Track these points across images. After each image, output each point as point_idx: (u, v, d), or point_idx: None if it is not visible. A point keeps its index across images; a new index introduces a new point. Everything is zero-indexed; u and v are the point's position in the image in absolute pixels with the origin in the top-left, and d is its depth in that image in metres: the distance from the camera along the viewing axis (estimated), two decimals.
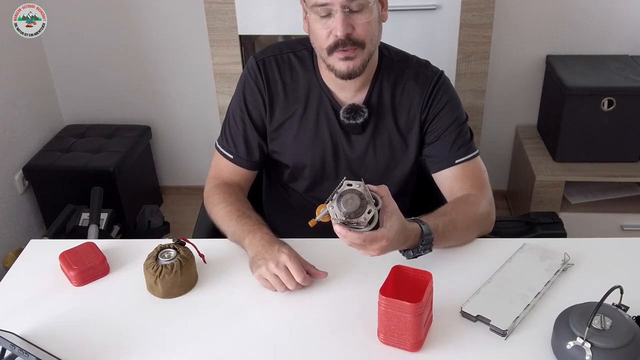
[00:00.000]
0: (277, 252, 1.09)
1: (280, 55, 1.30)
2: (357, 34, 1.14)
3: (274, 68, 1.29)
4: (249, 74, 1.30)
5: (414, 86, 1.28)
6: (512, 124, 2.69)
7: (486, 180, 1.29)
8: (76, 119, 2.82)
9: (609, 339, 0.86)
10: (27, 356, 0.91)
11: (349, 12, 1.12)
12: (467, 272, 1.11)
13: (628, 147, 2.32)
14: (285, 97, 1.29)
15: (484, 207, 1.22)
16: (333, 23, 1.13)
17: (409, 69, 1.29)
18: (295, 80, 1.29)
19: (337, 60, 1.17)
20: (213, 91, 2.44)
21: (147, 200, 2.66)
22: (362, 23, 1.14)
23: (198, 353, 0.97)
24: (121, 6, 2.55)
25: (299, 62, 1.29)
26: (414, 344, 0.95)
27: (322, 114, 1.28)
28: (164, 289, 1.07)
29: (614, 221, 2.36)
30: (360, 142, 1.30)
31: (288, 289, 1.07)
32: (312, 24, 1.17)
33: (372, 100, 1.27)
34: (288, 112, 1.29)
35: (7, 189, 2.41)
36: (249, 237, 1.16)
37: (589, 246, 1.19)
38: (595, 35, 2.46)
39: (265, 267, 1.08)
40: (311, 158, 1.32)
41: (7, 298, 1.11)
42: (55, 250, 1.18)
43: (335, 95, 1.28)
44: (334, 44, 1.15)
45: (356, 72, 1.18)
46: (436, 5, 2.09)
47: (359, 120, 1.26)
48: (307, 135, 1.30)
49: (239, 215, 1.22)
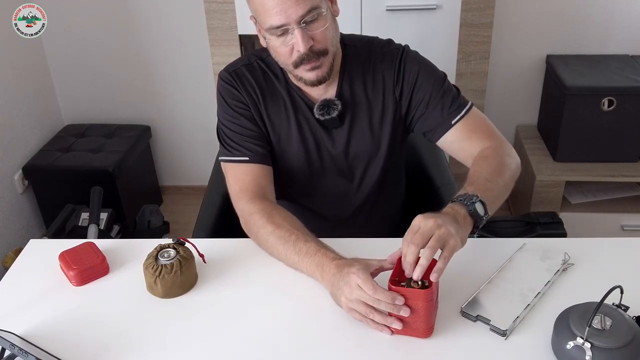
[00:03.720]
0: (347, 274, 0.99)
1: (249, 64, 1.29)
2: (318, 43, 1.14)
3: (248, 76, 1.28)
4: (226, 84, 1.28)
5: (383, 66, 1.27)
6: (512, 124, 2.69)
7: (491, 126, 1.27)
8: (76, 119, 2.82)
9: (609, 339, 0.86)
10: (26, 356, 0.91)
11: (305, 25, 1.12)
12: (467, 272, 1.11)
13: (628, 147, 2.32)
14: (265, 102, 1.28)
15: (505, 155, 1.19)
16: (292, 39, 1.13)
17: (373, 52, 1.28)
18: (269, 85, 1.28)
19: (305, 72, 1.17)
20: (213, 91, 2.43)
21: (147, 200, 2.66)
22: (320, 32, 1.13)
23: (198, 353, 0.97)
24: (121, 6, 2.55)
25: (268, 68, 1.29)
26: (426, 330, 0.96)
27: (300, 115, 1.28)
28: (164, 288, 1.07)
29: (614, 221, 2.36)
30: (341, 135, 1.30)
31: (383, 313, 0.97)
32: (272, 43, 1.16)
33: (344, 91, 1.27)
34: (270, 115, 1.28)
35: (7, 189, 2.41)
36: (318, 270, 1.07)
37: (589, 246, 1.19)
38: (596, 35, 2.46)
39: (345, 297, 0.99)
40: (297, 157, 1.31)
41: (7, 298, 1.11)
42: (54, 250, 1.18)
43: (307, 94, 1.28)
44: (299, 59, 1.15)
45: (325, 77, 1.19)
46: (436, 5, 2.09)
47: (334, 114, 1.26)
48: (292, 134, 1.29)
49: (294, 241, 1.12)
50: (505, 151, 1.21)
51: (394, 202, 1.47)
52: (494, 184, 1.12)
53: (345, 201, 1.37)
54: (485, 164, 1.16)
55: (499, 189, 1.13)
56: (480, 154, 1.20)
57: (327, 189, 1.36)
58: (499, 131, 1.27)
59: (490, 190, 1.10)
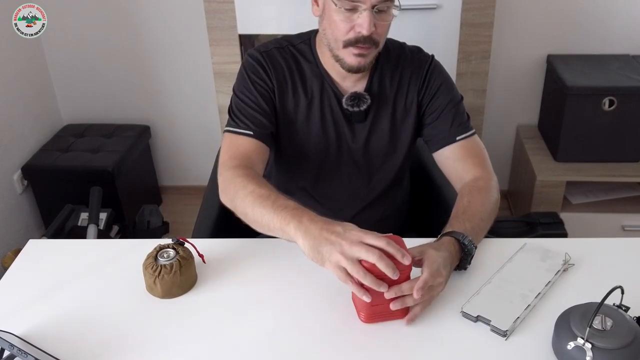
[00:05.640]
0: (343, 230, 0.94)
1: (281, 47, 1.31)
2: (377, 33, 1.17)
3: (279, 58, 1.29)
4: (255, 62, 1.28)
5: (410, 71, 1.31)
6: (513, 124, 2.68)
7: (487, 157, 1.31)
8: (75, 119, 2.82)
9: (609, 340, 0.86)
10: (25, 356, 0.91)
11: (376, 11, 1.14)
12: (467, 272, 1.11)
13: (629, 147, 2.32)
14: (293, 85, 1.29)
15: (495, 192, 1.23)
16: (358, 19, 1.14)
17: (403, 56, 1.32)
18: (299, 70, 1.30)
19: (350, 55, 1.18)
20: (213, 90, 2.44)
21: (147, 200, 2.66)
22: (383, 24, 1.17)
23: (197, 353, 0.97)
24: (121, 6, 2.55)
25: (299, 54, 1.31)
26: (403, 310, 0.98)
27: (326, 103, 1.30)
28: (163, 289, 1.07)
29: (615, 221, 2.35)
30: (363, 130, 1.32)
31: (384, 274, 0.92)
32: (334, 14, 1.16)
33: (373, 87, 1.30)
34: (295, 100, 1.30)
35: (6, 189, 2.41)
36: (294, 222, 0.99)
37: (590, 246, 1.19)
38: (597, 35, 2.46)
39: (340, 251, 0.92)
40: (316, 147, 1.32)
41: (6, 298, 1.11)
42: (53, 250, 1.18)
43: (337, 84, 1.30)
44: (355, 39, 1.16)
45: (365, 67, 1.22)
46: (437, 5, 2.08)
47: (362, 108, 1.28)
48: (314, 123, 1.31)
49: (274, 199, 1.06)
50: (494, 186, 1.25)
51: (399, 200, 1.48)
52: (485, 223, 1.16)
53: (354, 196, 1.39)
54: (480, 199, 1.19)
55: (486, 230, 1.17)
56: (474, 184, 1.23)
57: (340, 182, 1.37)
58: (490, 164, 1.31)
59: (483, 231, 1.16)
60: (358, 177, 1.37)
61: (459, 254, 1.08)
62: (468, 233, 1.09)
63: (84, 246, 1.30)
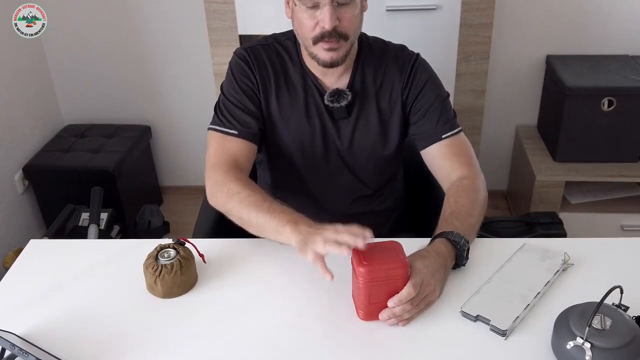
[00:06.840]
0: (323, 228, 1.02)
1: (266, 44, 1.33)
2: (343, 26, 1.18)
3: (263, 55, 1.31)
4: (240, 60, 1.31)
5: (394, 69, 1.32)
6: (512, 124, 2.68)
7: (473, 155, 1.32)
8: (76, 119, 2.82)
9: (609, 339, 0.86)
10: (26, 356, 0.91)
11: (337, 5, 1.16)
12: (466, 272, 1.11)
13: (628, 147, 2.32)
14: (276, 82, 1.31)
15: (482, 190, 1.24)
16: (320, 15, 1.16)
17: (387, 53, 1.33)
18: (283, 67, 1.32)
19: (321, 50, 1.20)
20: (213, 91, 2.44)
21: (147, 200, 2.66)
22: (348, 17, 1.18)
23: (198, 353, 0.97)
24: (121, 6, 2.55)
25: (284, 51, 1.33)
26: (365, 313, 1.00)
27: (310, 99, 1.31)
28: (164, 289, 1.07)
29: (614, 221, 2.35)
30: (347, 126, 1.33)
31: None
32: (299, 14, 1.20)
33: (355, 84, 1.31)
34: (279, 97, 1.31)
35: (7, 189, 2.41)
36: (289, 225, 1.06)
37: (589, 246, 1.19)
38: (596, 35, 2.46)
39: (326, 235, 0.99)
40: (302, 143, 1.33)
41: (7, 298, 1.11)
42: (54, 250, 1.18)
43: (320, 81, 1.31)
44: (320, 35, 1.19)
45: (338, 62, 1.23)
46: (436, 5, 2.09)
47: (343, 103, 1.29)
48: (299, 120, 1.32)
49: (269, 204, 1.12)
50: (481, 185, 1.26)
51: (392, 197, 1.48)
52: (474, 220, 1.18)
53: (345, 193, 1.40)
54: (467, 197, 1.20)
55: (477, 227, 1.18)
56: (459, 184, 1.24)
57: (328, 178, 1.38)
58: (477, 162, 1.31)
59: (474, 228, 1.17)
60: (347, 174, 1.38)
61: (453, 253, 1.09)
62: (458, 231, 1.10)
63: (85, 246, 1.31)
